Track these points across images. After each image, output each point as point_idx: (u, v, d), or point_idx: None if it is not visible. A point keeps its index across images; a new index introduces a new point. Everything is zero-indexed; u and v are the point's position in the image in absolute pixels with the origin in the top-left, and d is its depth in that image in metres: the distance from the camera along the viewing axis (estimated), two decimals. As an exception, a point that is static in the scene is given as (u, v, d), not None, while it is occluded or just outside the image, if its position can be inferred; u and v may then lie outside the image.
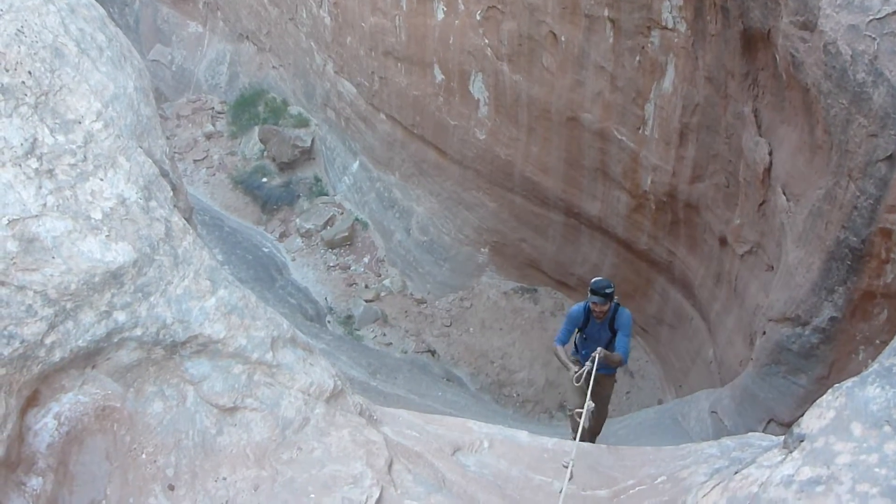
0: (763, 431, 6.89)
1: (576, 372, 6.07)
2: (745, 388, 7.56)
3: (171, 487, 3.48)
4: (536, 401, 12.31)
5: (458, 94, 13.44)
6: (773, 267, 7.78)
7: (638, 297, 12.24)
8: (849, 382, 2.26)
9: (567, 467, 4.08)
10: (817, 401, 2.42)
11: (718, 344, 9.52)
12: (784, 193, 7.14)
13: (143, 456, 3.48)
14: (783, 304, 6.93)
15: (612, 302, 6.59)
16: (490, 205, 14.16)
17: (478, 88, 13.01)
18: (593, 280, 6.76)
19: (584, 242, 12.89)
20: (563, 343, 6.90)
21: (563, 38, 10.85)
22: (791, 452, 2.40)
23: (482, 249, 14.75)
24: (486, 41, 12.26)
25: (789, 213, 7.00)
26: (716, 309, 9.67)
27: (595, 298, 6.49)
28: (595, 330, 6.74)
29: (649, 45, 9.65)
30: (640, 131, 10.44)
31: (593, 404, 5.45)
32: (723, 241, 9.29)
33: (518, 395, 12.45)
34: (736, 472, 2.62)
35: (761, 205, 7.97)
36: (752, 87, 7.87)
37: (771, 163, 7.52)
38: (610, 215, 11.86)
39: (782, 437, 2.72)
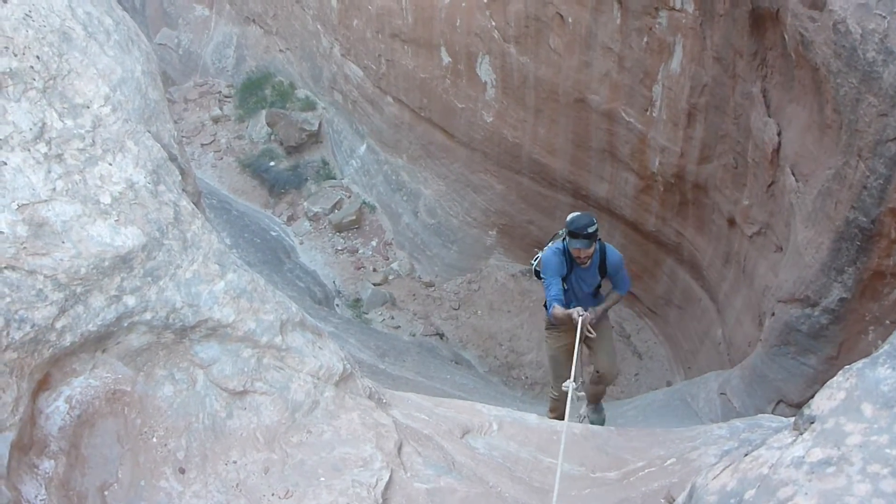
0: (772, 412, 6.90)
1: (580, 315, 5.22)
2: (754, 369, 7.56)
3: (182, 470, 3.51)
4: (545, 382, 12.32)
5: (466, 76, 13.38)
6: (781, 247, 7.75)
7: (646, 279, 12.22)
8: (859, 363, 2.26)
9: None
10: (828, 382, 2.42)
11: (727, 325, 9.51)
12: (793, 174, 7.10)
13: (154, 439, 3.51)
14: (792, 285, 6.91)
15: (597, 241, 5.55)
16: (498, 187, 14.13)
17: (485, 71, 12.95)
18: (571, 218, 5.49)
19: (591, 224, 12.86)
20: (562, 302, 5.58)
21: (570, 19, 10.77)
22: (801, 434, 2.40)
23: (490, 232, 14.73)
24: (493, 23, 12.18)
25: (798, 194, 6.96)
26: (724, 290, 9.65)
27: (577, 243, 5.41)
28: (580, 278, 5.74)
29: (657, 25, 9.57)
30: (648, 112, 10.38)
31: (576, 384, 4.87)
32: (731, 222, 9.25)
33: (527, 377, 12.48)
34: (746, 454, 2.62)
35: (770, 185, 7.93)
36: (761, 67, 7.80)
37: (780, 143, 7.47)
38: (618, 196, 11.82)
39: (792, 419, 2.72)
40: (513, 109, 12.79)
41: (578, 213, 5.56)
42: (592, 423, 6.81)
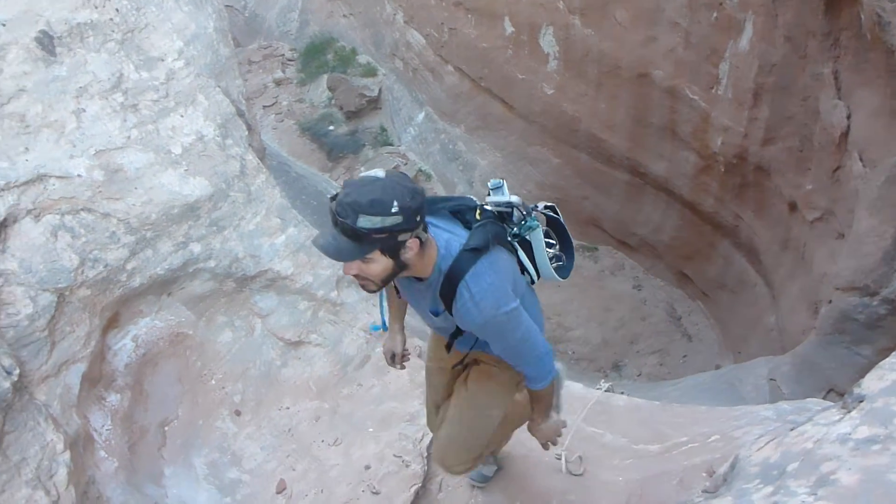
0: (821, 400, 6.81)
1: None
2: (806, 357, 7.45)
3: (238, 413, 3.66)
4: (591, 359, 12.33)
5: (528, 47, 13.26)
6: (843, 235, 7.58)
7: (700, 260, 12.06)
8: (913, 346, 2.24)
9: (560, 459, 4.00)
10: (879, 363, 2.41)
11: (781, 311, 9.36)
12: (860, 159, 6.92)
13: (213, 381, 3.66)
14: (851, 273, 6.77)
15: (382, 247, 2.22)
16: (554, 161, 14.04)
17: (548, 42, 12.81)
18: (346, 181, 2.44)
19: (647, 202, 12.71)
20: (384, 318, 3.15)
21: (638, -8, 10.59)
22: (849, 412, 2.40)
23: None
24: (559, -7, 12.04)
25: (864, 180, 6.79)
26: (781, 275, 9.48)
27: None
28: (408, 288, 2.69)
29: (727, 1, 9.35)
30: (713, 90, 10.17)
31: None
32: (792, 207, 9.06)
33: (573, 352, 12.48)
34: (791, 430, 2.63)
35: (835, 170, 7.73)
36: (833, 48, 7.58)
37: (848, 127, 7.28)
38: (676, 176, 11.65)
39: (841, 401, 2.72)
40: (574, 82, 12.65)
41: (355, 180, 2.25)
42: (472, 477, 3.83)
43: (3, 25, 3.25)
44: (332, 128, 17.47)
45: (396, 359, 3.06)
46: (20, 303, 2.88)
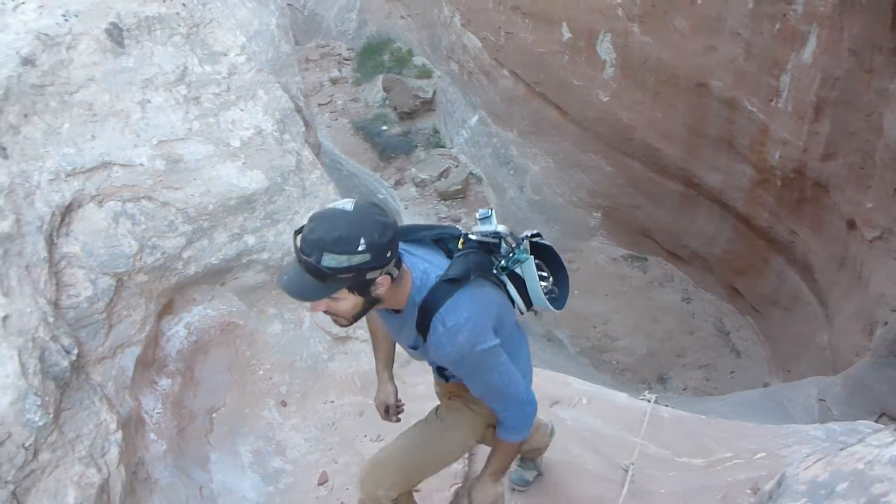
0: (873, 423, 6.64)
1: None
2: (859, 379, 7.26)
3: (284, 403, 3.72)
4: (635, 370, 12.20)
5: (585, 53, 13.20)
6: (903, 255, 7.39)
7: (752, 275, 11.85)
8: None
9: (627, 470, 3.99)
10: (937, 387, 2.35)
11: (834, 331, 9.14)
12: (925, 178, 6.74)
13: (261, 372, 3.73)
14: (911, 295, 6.60)
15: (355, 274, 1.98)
16: (607, 168, 13.95)
17: (605, 49, 12.74)
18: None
19: (700, 214, 12.55)
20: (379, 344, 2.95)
21: (699, 1, 10.46)
22: (903, 435, 2.35)
23: (594, 213, 14.58)
24: (619, 0, 11.96)
25: (928, 200, 6.61)
26: (836, 294, 9.27)
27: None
28: (390, 321, 2.43)
29: (792, 12, 9.18)
30: (773, 103, 10.00)
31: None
32: (851, 225, 8.85)
33: (617, 362, 12.36)
34: (841, 450, 2.59)
35: (898, 189, 7.55)
36: (902, 63, 7.41)
37: (914, 144, 7.10)
38: (731, 188, 11.47)
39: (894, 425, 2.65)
40: (630, 90, 12.55)
41: (321, 212, 2.00)
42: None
43: (76, 17, 3.36)
44: (385, 128, 17.63)
45: (391, 411, 2.80)
46: (81, 285, 2.97)
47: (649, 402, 4.75)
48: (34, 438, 2.47)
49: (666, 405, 6.72)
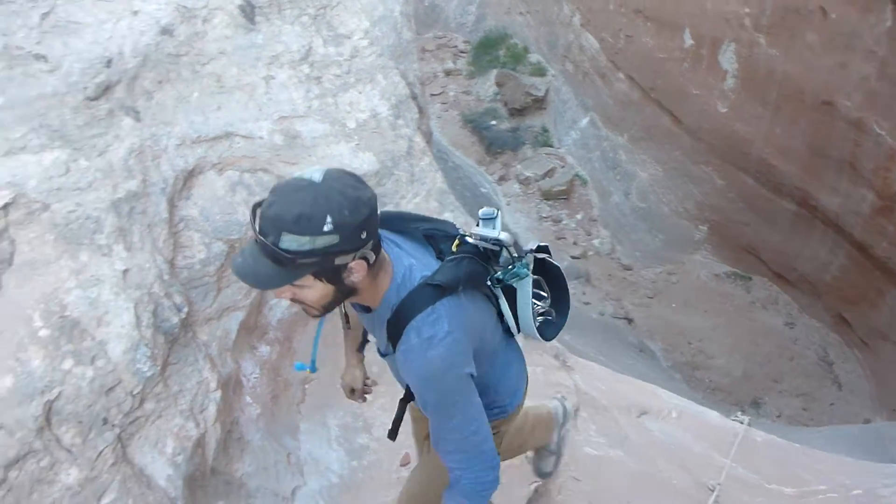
0: None
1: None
2: (973, 426, 6.82)
3: (374, 382, 3.80)
4: (729, 391, 11.81)
5: (706, 62, 12.84)
6: None
7: (864, 306, 11.27)
8: None
9: (713, 490, 3.87)
10: None
11: (950, 373, 8.61)
12: None
13: (355, 349, 3.84)
14: None
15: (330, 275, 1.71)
16: (718, 182, 13.54)
17: (727, 58, 12.35)
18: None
19: (814, 237, 12.01)
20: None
21: (833, 15, 10.00)
22: None
23: (700, 227, 14.19)
24: (747, 10, 11.56)
25: None
26: (955, 335, 8.72)
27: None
28: (365, 318, 2.18)
29: (936, 32, 8.68)
30: (905, 127, 9.48)
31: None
32: (980, 262, 8.31)
33: (710, 381, 12.00)
34: (949, 495, 2.45)
35: None
36: None
37: None
38: (849, 213, 10.94)
39: None
40: (750, 103, 12.13)
41: (284, 182, 1.68)
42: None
43: (213, -8, 3.52)
44: (494, 122, 17.64)
45: (357, 394, 2.62)
46: (196, 248, 3.11)
47: (742, 423, 4.60)
48: (142, 387, 2.62)
49: (759, 430, 6.49)
